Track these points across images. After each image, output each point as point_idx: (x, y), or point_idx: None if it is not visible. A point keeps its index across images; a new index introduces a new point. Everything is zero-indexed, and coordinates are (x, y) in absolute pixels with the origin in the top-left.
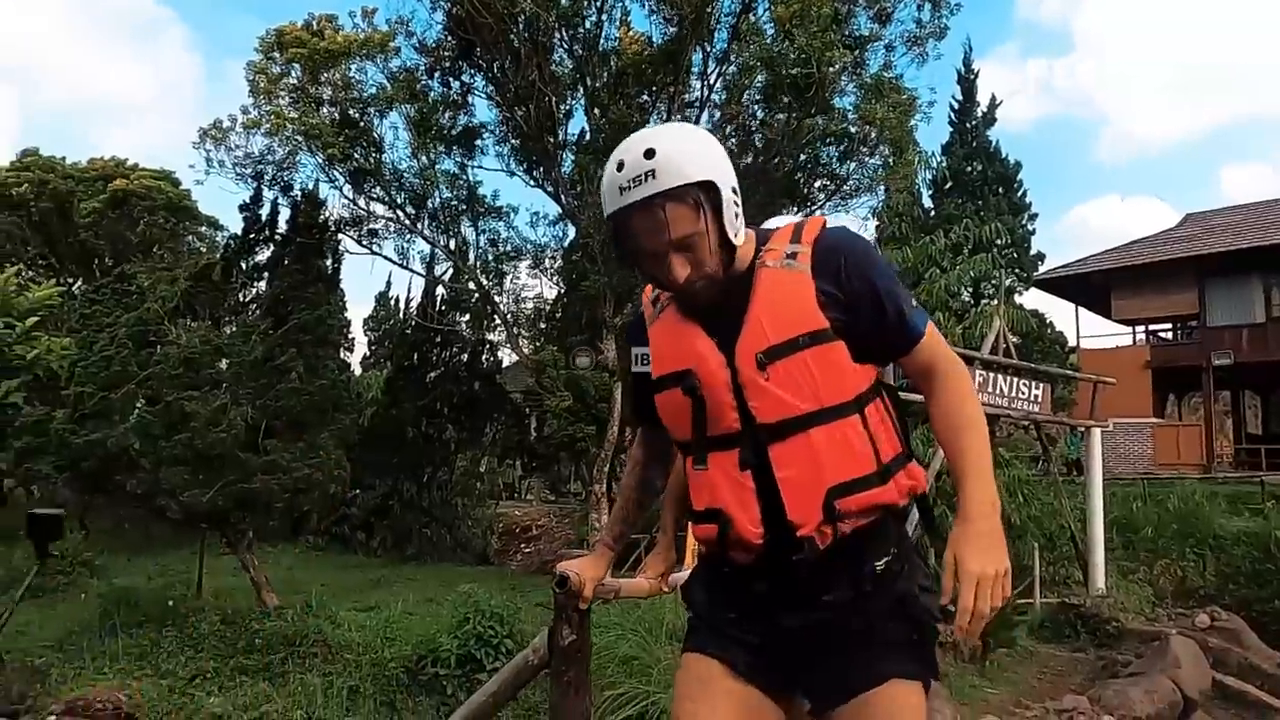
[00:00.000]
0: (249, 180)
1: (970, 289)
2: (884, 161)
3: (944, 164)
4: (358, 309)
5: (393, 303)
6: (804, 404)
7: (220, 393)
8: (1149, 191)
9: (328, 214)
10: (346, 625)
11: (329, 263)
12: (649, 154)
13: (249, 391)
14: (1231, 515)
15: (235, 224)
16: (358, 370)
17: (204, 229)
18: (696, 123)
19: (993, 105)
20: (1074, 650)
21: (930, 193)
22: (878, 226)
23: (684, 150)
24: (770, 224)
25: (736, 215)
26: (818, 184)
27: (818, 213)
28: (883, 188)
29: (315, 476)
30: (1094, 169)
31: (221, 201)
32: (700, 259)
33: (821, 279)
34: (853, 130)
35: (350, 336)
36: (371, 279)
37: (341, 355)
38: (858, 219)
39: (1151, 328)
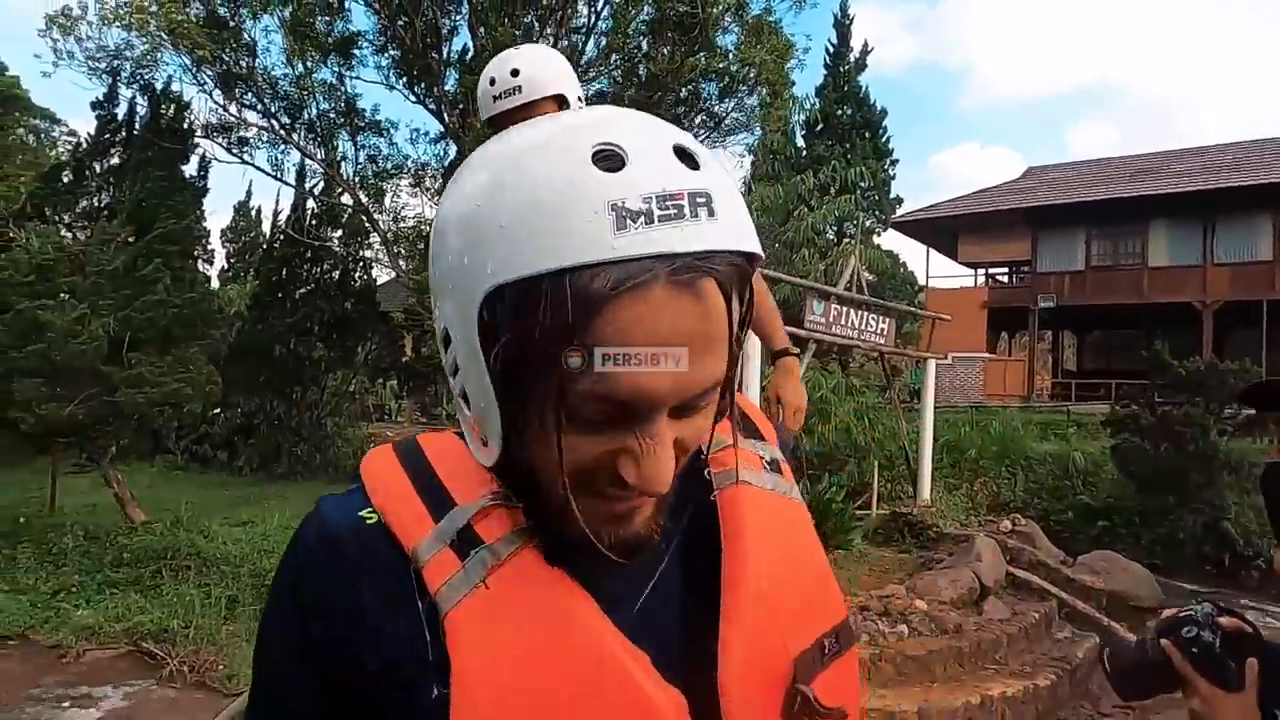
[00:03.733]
0: (103, 75)
1: (835, 228)
2: (761, 102)
3: (817, 106)
4: (212, 219)
5: (253, 213)
6: None
7: (78, 303)
8: (1006, 142)
9: (194, 118)
10: (220, 539)
11: (196, 170)
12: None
13: (110, 303)
14: (1042, 440)
15: (77, 119)
16: (215, 283)
17: (38, 121)
18: (583, 51)
19: (864, 52)
20: (900, 552)
21: (802, 134)
22: (753, 163)
23: None
24: None
25: None
26: (698, 119)
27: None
28: (759, 127)
29: (186, 391)
30: (959, 116)
31: (70, 97)
32: None
33: None
34: (733, 69)
35: (209, 248)
36: (227, 188)
37: (200, 267)
38: (734, 155)
39: (990, 271)
